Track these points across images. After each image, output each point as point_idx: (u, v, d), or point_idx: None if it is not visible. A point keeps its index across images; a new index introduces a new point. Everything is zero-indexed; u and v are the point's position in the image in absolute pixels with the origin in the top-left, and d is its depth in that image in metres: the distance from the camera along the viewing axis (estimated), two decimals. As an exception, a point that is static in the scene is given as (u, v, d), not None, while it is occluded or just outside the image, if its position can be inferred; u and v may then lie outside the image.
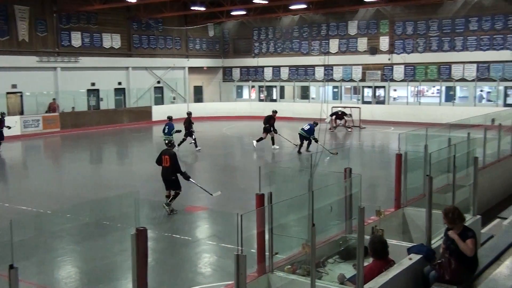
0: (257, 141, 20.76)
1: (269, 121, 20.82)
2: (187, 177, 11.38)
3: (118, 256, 8.75)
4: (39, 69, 27.72)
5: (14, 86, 26.88)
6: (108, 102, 31.18)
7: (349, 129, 26.71)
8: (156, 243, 9.38)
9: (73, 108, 28.97)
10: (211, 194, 11.64)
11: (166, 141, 12.10)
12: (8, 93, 26.79)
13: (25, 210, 11.47)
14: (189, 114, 21.31)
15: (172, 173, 11.34)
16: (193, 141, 20.41)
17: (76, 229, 9.78)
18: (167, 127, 18.99)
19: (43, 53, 27.89)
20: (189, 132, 20.51)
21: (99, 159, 21.50)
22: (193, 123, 20.91)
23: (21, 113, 27.01)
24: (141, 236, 5.21)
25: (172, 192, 11.41)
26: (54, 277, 8.25)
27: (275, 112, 21.22)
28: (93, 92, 30.94)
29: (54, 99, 27.91)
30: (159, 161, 11.55)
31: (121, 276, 8.17)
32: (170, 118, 19.57)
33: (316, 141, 18.63)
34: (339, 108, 27.50)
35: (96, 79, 30.53)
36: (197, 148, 20.35)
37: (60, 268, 8.63)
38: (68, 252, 8.94)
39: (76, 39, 29.72)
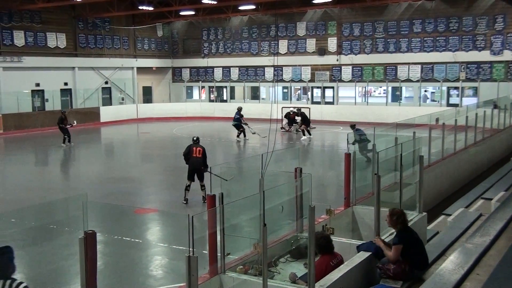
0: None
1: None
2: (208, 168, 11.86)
3: (65, 261, 8.51)
4: (-21, 69, 26.57)
5: (-49, 86, 25.68)
6: (53, 103, 30.22)
7: (299, 131, 26.81)
8: (105, 246, 9.18)
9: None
10: (226, 180, 11.36)
11: (194, 138, 13.06)
12: None
13: (-35, 216, 10.96)
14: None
15: (202, 163, 12.37)
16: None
17: (21, 233, 9.44)
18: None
19: (-18, 52, 26.74)
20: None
21: (45, 162, 20.83)
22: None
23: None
24: (89, 240, 5.08)
25: (201, 183, 12.44)
26: (-3, 285, 7.92)
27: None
28: (38, 93, 29.94)
29: None
30: (188, 153, 12.58)
31: (70, 280, 7.95)
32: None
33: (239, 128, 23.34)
34: (291, 109, 27.69)
35: (41, 80, 29.57)
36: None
37: None
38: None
39: (19, 38, 28.69)
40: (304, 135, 24.23)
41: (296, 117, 26.65)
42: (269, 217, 6.42)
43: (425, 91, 31.52)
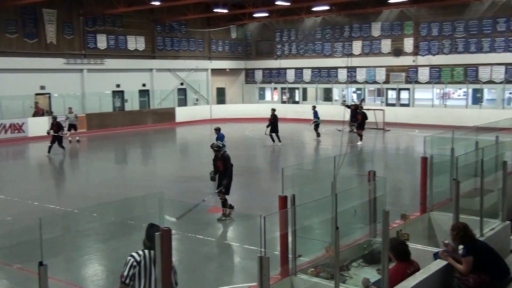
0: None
1: None
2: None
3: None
4: (66, 71, 28.20)
5: (42, 87, 27.43)
6: (132, 103, 31.56)
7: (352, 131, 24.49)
8: (179, 243, 9.43)
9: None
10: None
11: (216, 145, 11.93)
12: (36, 94, 27.33)
13: (54, 208, 11.67)
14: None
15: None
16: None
17: (102, 228, 9.92)
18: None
19: (70, 55, 28.36)
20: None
21: (124, 160, 21.73)
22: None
23: (49, 113, 27.48)
24: (165, 236, 5.26)
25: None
26: (81, 275, 8.37)
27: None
28: (118, 94, 31.34)
29: (36, 102, 27.29)
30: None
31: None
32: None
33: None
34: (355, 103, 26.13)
35: (121, 81, 30.93)
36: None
37: (87, 266, 8.75)
38: (94, 250, 9.06)
39: (102, 42, 30.14)
40: (358, 140, 22.43)
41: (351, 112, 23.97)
42: (341, 220, 6.34)
43: (510, 93, 29.91)
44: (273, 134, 22.46)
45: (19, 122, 25.67)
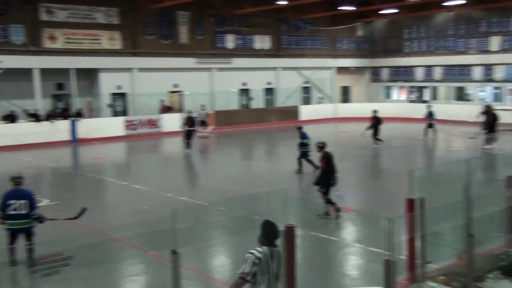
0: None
1: None
2: None
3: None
4: (196, 70, 29.77)
5: (175, 85, 29.26)
6: (258, 102, 32.44)
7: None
8: (303, 241, 9.50)
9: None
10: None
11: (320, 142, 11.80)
12: (170, 92, 29.25)
13: (184, 201, 12.37)
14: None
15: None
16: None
17: (228, 221, 10.32)
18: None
19: (200, 54, 29.87)
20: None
21: (250, 156, 22.37)
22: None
23: (181, 110, 29.26)
24: (289, 233, 5.35)
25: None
26: (208, 265, 8.78)
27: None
28: (244, 92, 32.37)
29: (162, 100, 28.76)
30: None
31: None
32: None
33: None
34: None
35: (247, 79, 31.90)
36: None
37: (215, 257, 9.17)
38: (222, 242, 9.45)
39: (230, 41, 31.34)
40: (489, 143, 19.99)
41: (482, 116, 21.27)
42: (474, 228, 5.97)
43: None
44: (375, 137, 21.55)
45: (154, 118, 27.60)
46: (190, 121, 21.69)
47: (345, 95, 37.42)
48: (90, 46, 26.44)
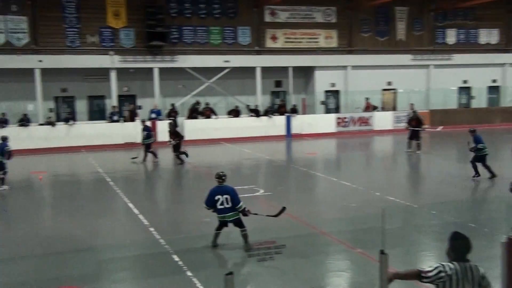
0: None
1: None
2: None
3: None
4: (412, 67, 28.78)
5: (389, 83, 28.70)
6: (480, 100, 29.98)
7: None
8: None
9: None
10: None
11: None
12: (383, 89, 28.81)
13: (393, 201, 12.04)
14: None
15: None
16: None
17: (440, 226, 9.72)
18: None
19: (417, 51, 28.77)
20: None
21: (465, 159, 20.72)
22: None
23: (394, 109, 28.65)
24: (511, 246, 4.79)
25: None
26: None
27: None
28: (464, 90, 30.20)
29: (367, 98, 27.90)
30: None
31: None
32: None
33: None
34: None
35: (469, 76, 29.72)
36: None
37: (424, 262, 8.69)
38: (432, 248, 8.94)
39: (451, 36, 29.65)
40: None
41: None
42: None
43: None
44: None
45: (366, 115, 27.48)
46: (415, 121, 20.50)
47: None
48: (308, 44, 27.53)
